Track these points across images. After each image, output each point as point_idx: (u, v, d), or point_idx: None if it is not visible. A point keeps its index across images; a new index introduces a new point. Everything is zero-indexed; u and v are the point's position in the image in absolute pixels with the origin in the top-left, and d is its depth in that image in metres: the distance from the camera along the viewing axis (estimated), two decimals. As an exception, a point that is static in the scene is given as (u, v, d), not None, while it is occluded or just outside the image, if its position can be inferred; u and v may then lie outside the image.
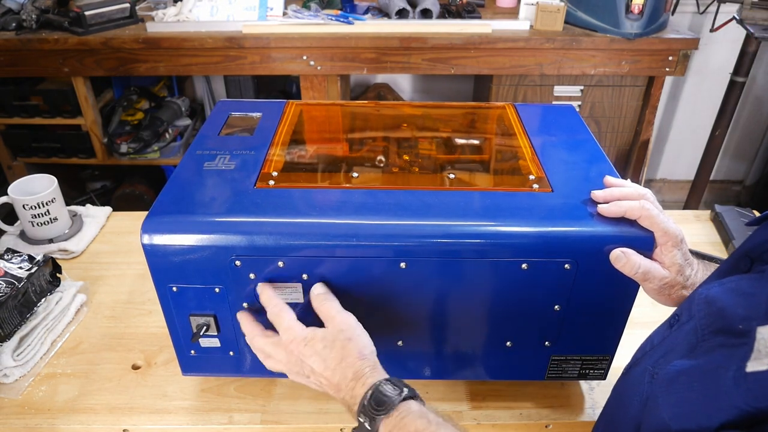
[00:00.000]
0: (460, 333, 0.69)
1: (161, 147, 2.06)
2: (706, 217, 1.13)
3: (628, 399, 0.53)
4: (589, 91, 1.96)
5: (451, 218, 0.63)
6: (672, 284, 0.62)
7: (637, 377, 0.54)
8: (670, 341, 0.52)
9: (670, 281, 0.61)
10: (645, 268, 0.60)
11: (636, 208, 0.61)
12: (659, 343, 0.55)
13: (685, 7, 2.29)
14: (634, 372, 0.56)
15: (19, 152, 2.08)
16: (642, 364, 0.55)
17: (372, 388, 0.55)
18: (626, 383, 0.57)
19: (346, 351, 0.58)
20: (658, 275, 0.61)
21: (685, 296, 0.62)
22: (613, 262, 0.61)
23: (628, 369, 0.59)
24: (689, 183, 2.30)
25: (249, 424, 0.74)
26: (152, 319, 0.89)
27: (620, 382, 0.59)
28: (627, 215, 0.62)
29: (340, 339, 0.59)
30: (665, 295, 0.63)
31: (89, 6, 1.80)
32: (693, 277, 0.62)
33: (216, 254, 0.62)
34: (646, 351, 0.56)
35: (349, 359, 0.58)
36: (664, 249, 0.61)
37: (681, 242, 0.62)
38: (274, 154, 0.75)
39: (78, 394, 0.77)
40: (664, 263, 0.62)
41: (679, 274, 0.61)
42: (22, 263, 0.86)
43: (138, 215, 1.10)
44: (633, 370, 0.57)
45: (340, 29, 1.82)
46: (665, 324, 0.56)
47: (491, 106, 1.01)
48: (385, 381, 0.56)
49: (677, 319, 0.53)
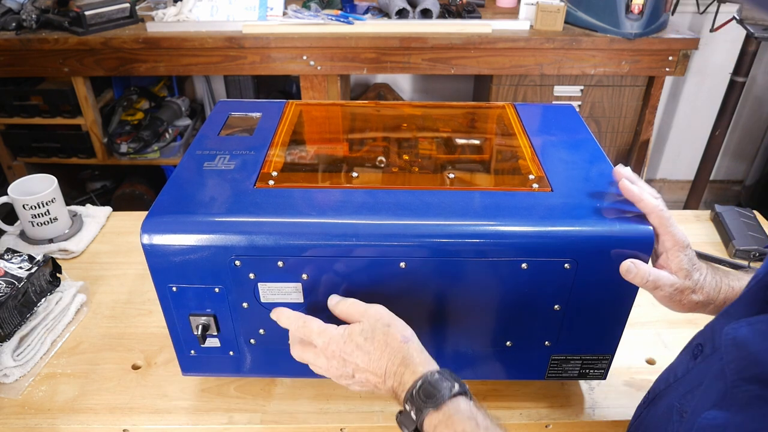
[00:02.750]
0: (459, 333, 0.69)
1: (161, 147, 2.06)
2: (706, 217, 1.13)
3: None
4: (589, 91, 1.96)
5: (451, 218, 0.63)
6: (682, 289, 0.61)
7: (663, 412, 0.53)
8: (695, 375, 0.51)
9: (680, 286, 0.61)
10: (654, 276, 0.60)
11: (653, 202, 0.61)
12: (683, 375, 0.54)
13: (685, 7, 2.29)
14: (660, 406, 0.55)
15: (19, 152, 2.08)
16: (666, 398, 0.54)
17: (422, 377, 0.54)
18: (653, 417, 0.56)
19: (389, 337, 0.57)
20: (668, 282, 0.61)
21: (696, 301, 0.62)
22: (624, 275, 0.60)
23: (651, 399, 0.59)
24: (689, 183, 2.30)
25: (249, 424, 0.73)
26: (152, 319, 0.89)
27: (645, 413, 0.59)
28: (642, 204, 0.61)
29: (379, 327, 0.58)
30: (676, 302, 0.62)
31: (89, 6, 1.80)
32: (702, 281, 0.62)
33: (216, 254, 0.62)
34: (670, 383, 0.56)
35: (394, 344, 0.56)
36: (670, 254, 0.61)
37: (687, 247, 0.62)
38: (273, 154, 0.75)
39: (78, 394, 0.77)
40: (671, 269, 0.61)
41: (688, 278, 0.61)
42: (22, 263, 0.86)
43: (138, 215, 1.10)
44: (659, 403, 0.56)
45: (340, 29, 1.82)
46: (687, 354, 0.55)
47: (491, 106, 1.01)
48: (438, 372, 0.54)
49: (700, 350, 0.52)
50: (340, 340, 0.58)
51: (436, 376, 0.54)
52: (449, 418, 0.51)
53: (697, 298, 0.62)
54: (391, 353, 0.56)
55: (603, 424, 0.74)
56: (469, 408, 0.53)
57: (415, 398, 0.53)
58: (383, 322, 0.58)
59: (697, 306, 0.63)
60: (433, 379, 0.53)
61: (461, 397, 0.53)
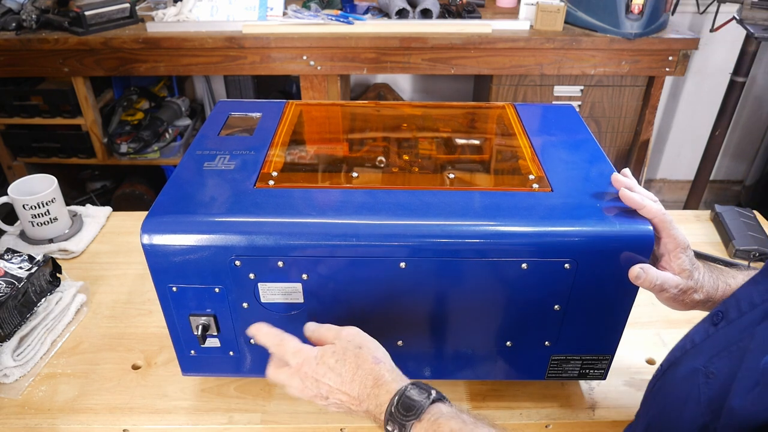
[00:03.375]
0: (460, 333, 0.69)
1: (161, 147, 2.06)
2: (706, 217, 1.13)
3: (680, 402, 0.52)
4: (589, 91, 1.96)
5: (451, 218, 0.63)
6: (685, 290, 0.63)
7: (685, 376, 0.53)
8: (719, 339, 0.52)
9: (683, 287, 0.63)
10: (662, 279, 0.62)
11: (656, 208, 0.62)
12: (702, 341, 0.55)
13: (685, 7, 2.29)
14: (679, 371, 0.56)
15: (19, 152, 2.08)
16: (686, 363, 0.55)
17: (398, 393, 0.54)
18: (673, 382, 0.56)
19: (360, 359, 0.57)
20: (673, 283, 0.62)
21: (697, 300, 0.64)
22: (634, 280, 0.62)
23: (665, 369, 0.59)
24: (689, 183, 2.30)
25: (249, 424, 0.74)
26: (152, 319, 0.89)
27: (661, 384, 0.59)
28: (644, 210, 0.62)
29: (351, 348, 0.58)
30: (679, 302, 0.64)
31: (89, 6, 1.80)
32: (702, 280, 0.64)
33: (216, 254, 0.62)
34: (687, 350, 0.56)
35: (366, 366, 0.56)
36: (672, 255, 0.63)
37: (687, 248, 0.64)
38: (274, 154, 0.75)
39: (78, 394, 0.77)
40: (673, 270, 0.63)
41: (689, 278, 0.63)
42: (22, 263, 0.86)
43: (138, 215, 1.10)
44: (677, 369, 0.56)
45: (340, 29, 1.82)
46: (706, 322, 0.56)
47: (491, 106, 1.01)
48: (411, 385, 0.54)
49: (721, 317, 0.53)
50: (313, 361, 0.58)
51: (411, 389, 0.54)
52: (434, 422, 0.52)
53: (698, 297, 0.64)
54: (363, 375, 0.56)
55: (603, 424, 0.75)
56: (450, 409, 0.53)
57: (395, 415, 0.53)
58: (355, 343, 0.58)
59: (697, 304, 0.65)
60: (409, 392, 0.54)
61: (439, 402, 0.54)
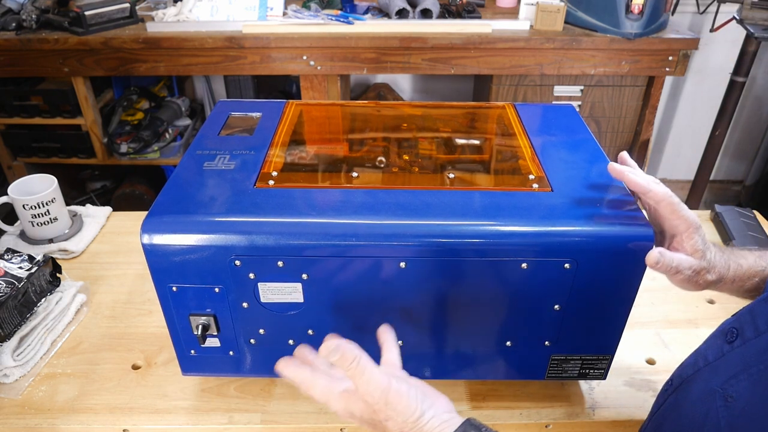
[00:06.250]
0: (460, 333, 0.69)
1: (161, 147, 2.06)
2: (706, 217, 1.13)
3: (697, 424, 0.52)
4: (589, 91, 1.96)
5: (451, 218, 0.63)
6: (698, 270, 0.61)
7: (700, 397, 0.53)
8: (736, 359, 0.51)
9: (697, 267, 0.61)
10: (677, 261, 0.60)
11: (662, 191, 0.61)
12: (715, 360, 0.53)
13: (685, 7, 2.29)
14: (693, 390, 0.55)
15: (19, 152, 2.08)
16: (700, 382, 0.54)
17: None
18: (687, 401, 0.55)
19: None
20: (687, 264, 0.61)
21: (710, 280, 0.62)
22: (652, 266, 0.60)
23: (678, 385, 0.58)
24: (689, 183, 2.30)
25: (249, 424, 0.74)
26: (152, 319, 0.89)
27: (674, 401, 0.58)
28: (652, 194, 0.61)
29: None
30: (693, 282, 0.62)
31: (89, 6, 1.80)
32: (714, 260, 0.62)
33: (216, 254, 0.62)
34: (699, 367, 0.55)
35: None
36: (685, 236, 0.61)
37: (699, 227, 0.62)
38: (273, 154, 0.75)
39: (78, 394, 0.77)
40: (686, 251, 0.62)
41: (702, 258, 0.62)
42: (22, 263, 0.86)
43: (138, 215, 1.10)
44: (691, 387, 0.56)
45: (340, 29, 1.82)
46: (718, 339, 0.55)
47: (491, 106, 1.01)
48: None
49: (736, 334, 0.52)
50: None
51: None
52: None
53: (711, 277, 0.62)
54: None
55: (603, 424, 0.75)
56: None
57: None
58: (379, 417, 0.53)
59: (710, 284, 0.63)
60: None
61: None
